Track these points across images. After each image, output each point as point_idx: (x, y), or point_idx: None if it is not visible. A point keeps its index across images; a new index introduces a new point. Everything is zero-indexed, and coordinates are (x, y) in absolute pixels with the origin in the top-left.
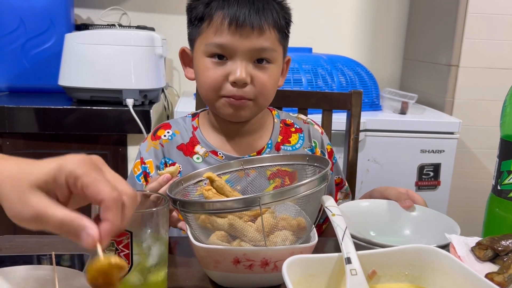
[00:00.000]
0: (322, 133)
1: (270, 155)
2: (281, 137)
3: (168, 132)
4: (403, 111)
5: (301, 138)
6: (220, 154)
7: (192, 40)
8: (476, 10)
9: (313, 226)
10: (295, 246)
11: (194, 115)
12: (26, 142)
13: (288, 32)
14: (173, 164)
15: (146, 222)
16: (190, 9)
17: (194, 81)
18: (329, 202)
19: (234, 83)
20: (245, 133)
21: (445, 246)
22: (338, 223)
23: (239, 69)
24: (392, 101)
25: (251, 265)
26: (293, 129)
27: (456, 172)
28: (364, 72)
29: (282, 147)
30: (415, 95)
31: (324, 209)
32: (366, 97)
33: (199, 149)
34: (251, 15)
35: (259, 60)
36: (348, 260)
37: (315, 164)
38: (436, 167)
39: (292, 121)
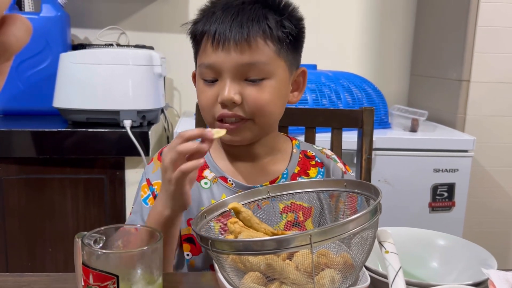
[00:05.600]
0: (345, 172)
1: (304, 180)
2: (299, 168)
3: None
4: (413, 129)
5: (321, 173)
6: (230, 181)
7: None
8: (486, 23)
9: (364, 263)
10: None
11: None
12: (19, 167)
13: (294, 41)
14: None
15: (135, 263)
16: (189, 32)
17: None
18: (384, 237)
19: (222, 104)
20: (255, 156)
21: (482, 283)
22: (391, 262)
23: (226, 88)
24: (401, 119)
25: None
26: (313, 162)
27: (471, 192)
28: (371, 89)
29: (298, 178)
30: (425, 112)
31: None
32: (374, 114)
33: (207, 173)
34: (233, 30)
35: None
36: None
37: (356, 190)
38: (451, 187)
39: (314, 154)
